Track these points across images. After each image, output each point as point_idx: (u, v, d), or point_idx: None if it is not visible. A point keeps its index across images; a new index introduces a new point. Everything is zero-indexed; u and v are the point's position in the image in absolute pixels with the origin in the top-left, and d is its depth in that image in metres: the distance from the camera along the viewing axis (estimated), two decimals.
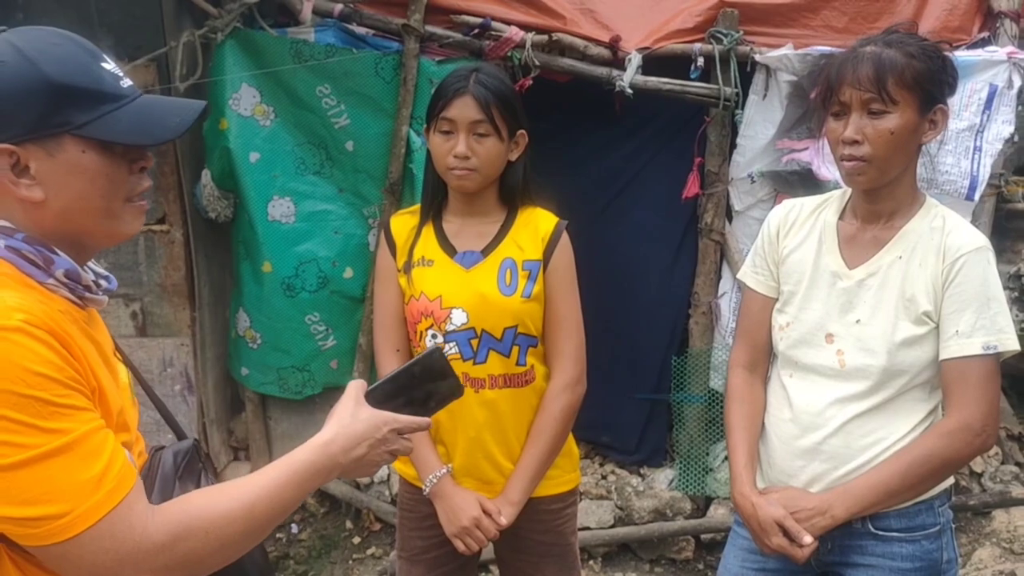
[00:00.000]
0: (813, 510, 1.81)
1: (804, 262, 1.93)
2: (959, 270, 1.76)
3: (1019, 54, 3.47)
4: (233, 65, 3.59)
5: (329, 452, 1.31)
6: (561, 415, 2.13)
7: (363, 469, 1.38)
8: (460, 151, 2.01)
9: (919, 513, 1.86)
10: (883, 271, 1.84)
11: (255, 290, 3.81)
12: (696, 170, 3.64)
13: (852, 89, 1.73)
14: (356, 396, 1.41)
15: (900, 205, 1.85)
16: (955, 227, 1.81)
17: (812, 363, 1.89)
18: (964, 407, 1.75)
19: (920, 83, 1.71)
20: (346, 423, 1.35)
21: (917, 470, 1.78)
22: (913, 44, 1.74)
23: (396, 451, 1.41)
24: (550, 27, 3.57)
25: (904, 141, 1.74)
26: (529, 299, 2.08)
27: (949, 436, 1.77)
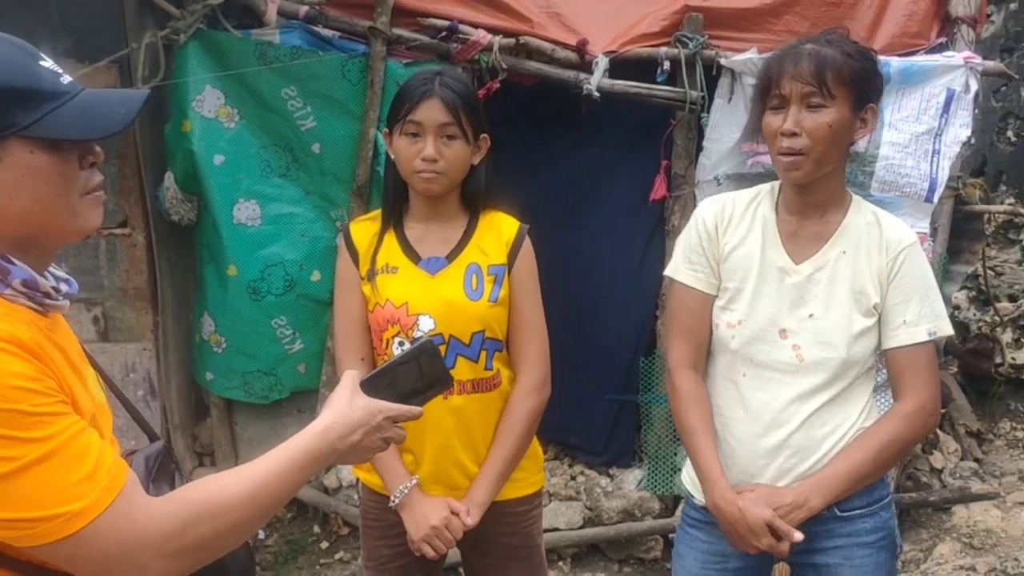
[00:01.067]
0: (791, 504, 1.83)
1: (750, 258, 1.95)
2: (902, 263, 1.86)
3: (975, 59, 3.54)
4: (196, 67, 3.55)
5: (327, 439, 1.34)
6: (526, 418, 2.12)
7: (358, 455, 1.42)
8: (428, 154, 1.99)
9: (875, 488, 1.94)
10: (831, 265, 1.89)
11: (220, 294, 3.76)
12: (663, 172, 3.67)
13: (793, 82, 1.79)
14: (352, 384, 1.43)
15: (832, 198, 1.91)
16: (889, 222, 1.91)
17: (768, 360, 1.91)
18: (918, 391, 1.86)
19: (855, 81, 1.79)
20: (343, 411, 1.38)
21: (884, 454, 1.86)
22: (850, 45, 1.83)
23: (390, 438, 1.45)
24: (517, 30, 3.57)
25: (839, 136, 1.81)
26: (496, 304, 2.07)
27: (910, 418, 1.87)
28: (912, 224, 3.55)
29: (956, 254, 3.83)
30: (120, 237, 3.84)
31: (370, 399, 1.42)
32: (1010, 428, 4.60)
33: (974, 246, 3.86)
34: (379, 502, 2.16)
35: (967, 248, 3.85)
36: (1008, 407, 4.72)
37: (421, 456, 2.12)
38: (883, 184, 3.53)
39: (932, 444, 4.01)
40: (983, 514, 3.70)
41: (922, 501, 3.71)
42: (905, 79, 3.53)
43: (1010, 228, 6.35)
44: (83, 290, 3.85)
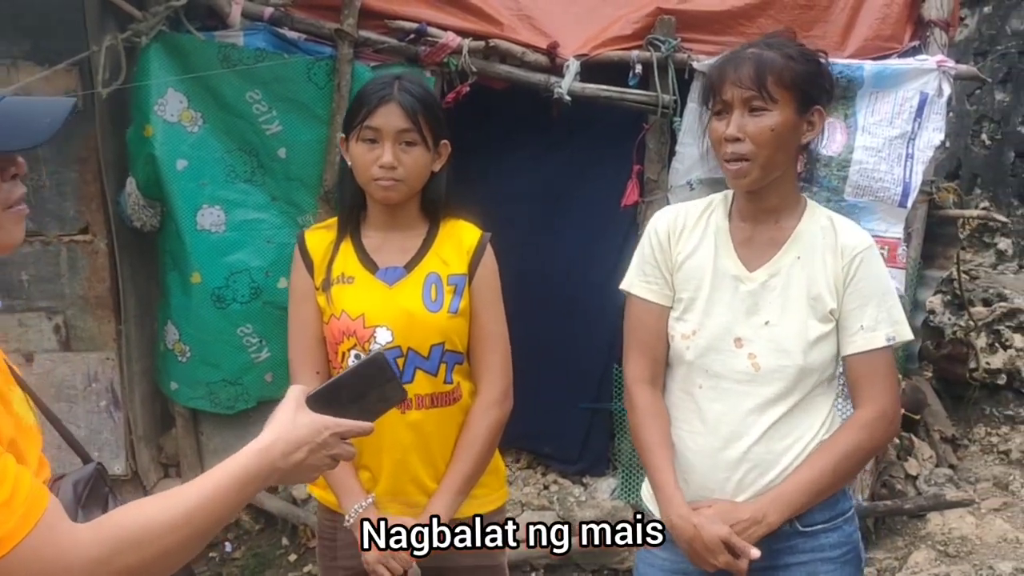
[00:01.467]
0: (749, 520, 1.79)
1: (702, 267, 1.91)
2: (858, 267, 1.83)
3: (948, 63, 3.52)
4: (158, 70, 3.47)
5: (268, 457, 1.29)
6: (487, 432, 2.07)
7: (303, 474, 1.37)
8: (387, 161, 1.93)
9: (838, 501, 1.90)
10: (785, 271, 1.86)
11: (183, 302, 3.68)
12: (635, 177, 3.62)
13: (734, 87, 1.77)
14: (297, 400, 1.38)
15: (784, 203, 1.88)
16: (844, 226, 1.88)
17: (723, 370, 1.87)
18: (878, 398, 1.83)
19: (797, 83, 1.77)
20: (286, 427, 1.33)
21: (845, 465, 1.83)
22: (792, 47, 1.81)
23: (338, 455, 1.39)
24: (487, 33, 3.51)
25: (784, 139, 1.78)
26: (456, 315, 2.02)
27: (870, 427, 1.83)
28: (886, 229, 3.53)
29: (930, 259, 3.81)
30: (81, 244, 3.75)
31: (316, 415, 1.37)
32: (985, 433, 4.58)
33: (948, 251, 3.83)
34: (334, 520, 2.10)
35: (941, 253, 3.83)
36: (983, 412, 4.70)
37: (378, 473, 2.05)
38: (857, 189, 3.49)
39: (907, 451, 3.98)
40: (958, 521, 3.68)
41: (896, 509, 3.68)
42: (878, 83, 3.50)
43: (985, 231, 6.37)
44: (43, 298, 3.83)
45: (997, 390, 4.72)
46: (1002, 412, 4.65)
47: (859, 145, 3.49)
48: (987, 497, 3.99)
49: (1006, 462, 4.34)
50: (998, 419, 4.66)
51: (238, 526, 4.05)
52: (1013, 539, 3.62)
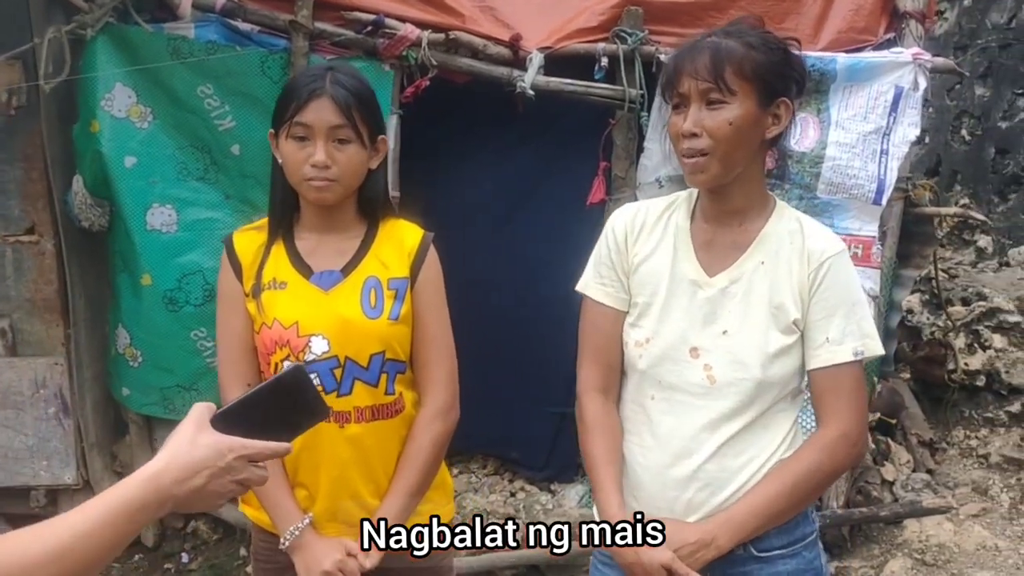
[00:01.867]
0: (696, 544, 1.67)
1: (659, 271, 1.78)
2: (825, 274, 1.71)
3: (924, 55, 3.42)
4: (106, 63, 3.33)
5: (158, 484, 1.17)
6: (432, 445, 1.95)
7: (204, 502, 1.24)
8: (319, 159, 1.80)
9: (797, 525, 1.77)
10: (746, 278, 1.73)
11: (134, 304, 3.54)
12: (601, 175, 3.51)
13: (690, 79, 1.65)
14: (198, 420, 1.25)
15: (751, 204, 1.76)
16: (814, 230, 1.76)
17: (677, 381, 1.75)
18: (841, 417, 1.71)
19: (759, 74, 1.64)
20: (181, 450, 1.21)
21: (802, 487, 1.70)
22: (754, 36, 1.67)
23: (246, 480, 1.26)
24: (448, 25, 3.40)
25: (745, 133, 1.65)
26: (397, 321, 1.90)
27: (830, 448, 1.71)
28: (860, 227, 3.43)
29: (906, 258, 3.71)
30: (27, 245, 3.61)
31: (220, 436, 1.24)
32: (964, 437, 4.49)
33: (925, 250, 3.73)
34: (270, 542, 1.97)
35: (918, 252, 3.73)
36: (962, 414, 4.61)
37: (315, 491, 1.93)
38: (830, 186, 3.39)
39: (883, 455, 3.89)
40: (936, 528, 3.58)
41: (872, 516, 3.58)
42: (852, 76, 3.40)
43: (964, 229, 6.29)
44: None
45: (976, 392, 4.63)
46: (981, 414, 4.56)
47: (832, 141, 3.39)
48: (966, 503, 3.90)
49: (985, 466, 4.26)
50: (977, 422, 4.57)
51: (195, 536, 3.93)
52: (992, 547, 3.53)
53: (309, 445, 1.87)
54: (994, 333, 4.68)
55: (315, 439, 1.86)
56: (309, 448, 1.88)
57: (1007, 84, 6.27)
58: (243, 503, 2.06)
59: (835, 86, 3.41)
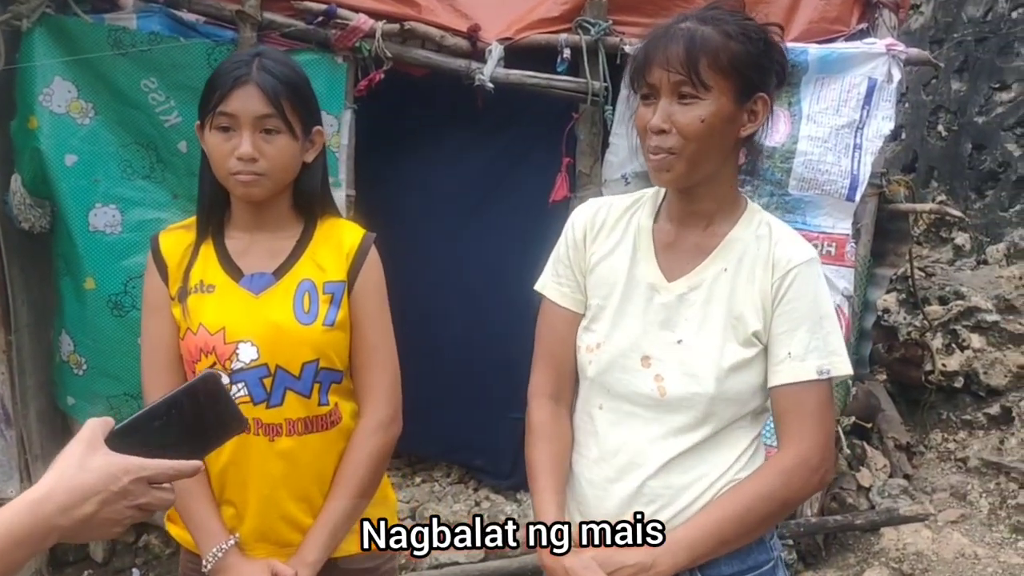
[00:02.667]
0: (634, 566, 1.53)
1: (616, 272, 1.66)
2: (790, 285, 1.58)
3: (898, 46, 3.33)
4: (44, 56, 3.18)
5: (41, 513, 1.06)
6: (371, 460, 1.82)
7: (97, 531, 1.13)
8: (244, 151, 1.67)
9: (751, 552, 1.63)
10: (707, 285, 1.61)
11: (77, 309, 3.40)
12: (564, 171, 3.40)
13: (661, 70, 1.50)
14: (90, 439, 1.13)
15: (720, 207, 1.63)
16: (783, 237, 1.63)
17: (627, 391, 1.63)
18: (801, 440, 1.57)
19: (737, 67, 1.50)
20: (69, 474, 1.10)
21: (753, 515, 1.57)
22: (732, 23, 1.52)
23: (146, 505, 1.14)
24: (403, 15, 3.29)
25: (718, 132, 1.51)
26: (332, 327, 1.77)
27: (787, 474, 1.57)
28: (833, 225, 3.33)
29: (881, 256, 3.61)
30: None
31: (114, 456, 1.12)
32: (942, 440, 4.40)
33: (900, 247, 3.64)
34: (196, 563, 1.82)
35: (892, 250, 3.63)
36: (939, 417, 4.52)
37: (243, 509, 1.79)
38: (801, 182, 3.29)
39: (859, 460, 3.79)
40: (913, 536, 3.48)
41: (847, 525, 3.48)
42: (824, 68, 3.30)
43: (942, 226, 6.21)
44: None
45: (954, 393, 4.54)
46: (959, 417, 4.47)
47: (804, 135, 3.30)
48: (944, 508, 3.81)
49: (964, 470, 4.17)
50: (955, 424, 4.48)
51: (147, 551, 3.80)
52: (971, 554, 3.44)
53: (237, 460, 1.76)
54: (972, 333, 4.59)
55: (244, 454, 1.75)
56: (237, 463, 1.76)
57: (983, 78, 6.20)
58: (168, 521, 1.93)
59: (806, 78, 3.31)
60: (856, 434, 3.87)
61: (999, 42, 6.11)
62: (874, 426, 3.98)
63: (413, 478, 3.99)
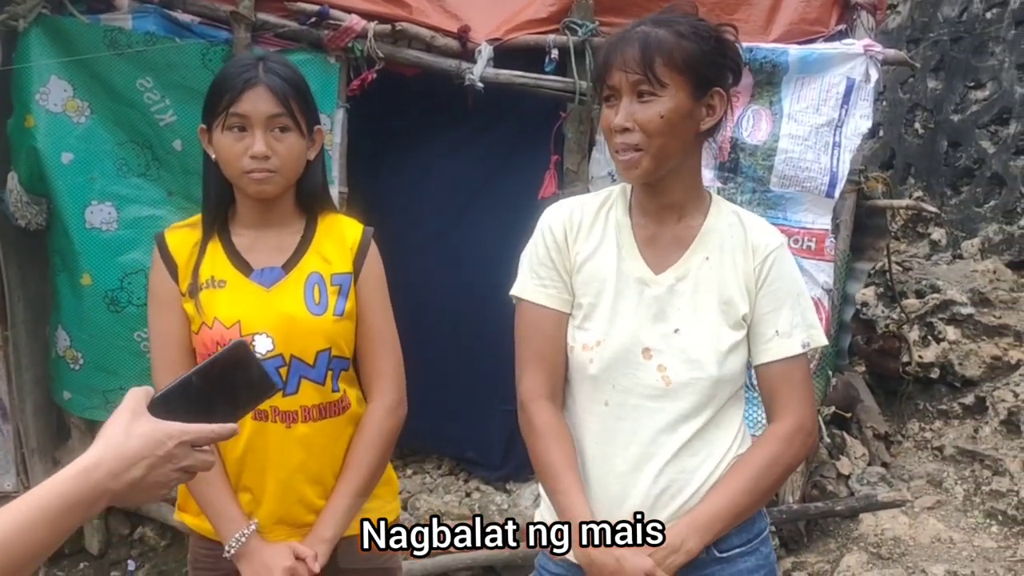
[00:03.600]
0: (668, 549, 1.61)
1: (604, 269, 1.72)
2: (771, 267, 1.69)
3: (876, 47, 3.41)
4: (40, 55, 3.23)
5: (93, 479, 1.10)
6: (380, 442, 1.90)
7: (146, 493, 1.17)
8: (259, 150, 1.73)
9: (754, 522, 1.74)
10: (693, 274, 1.69)
11: (74, 305, 3.43)
12: (553, 168, 3.46)
13: (620, 72, 1.59)
14: (134, 408, 1.18)
15: (688, 198, 1.72)
16: (754, 223, 1.74)
17: (632, 384, 1.68)
18: (796, 409, 1.69)
19: (691, 65, 1.58)
20: (117, 441, 1.13)
21: (764, 482, 1.67)
22: (684, 23, 1.61)
23: (190, 467, 1.19)
24: (394, 16, 3.34)
25: (677, 126, 1.60)
26: (342, 317, 1.84)
27: (788, 440, 1.69)
28: (813, 220, 3.41)
29: (859, 251, 3.70)
30: None
31: (158, 423, 1.17)
32: (919, 429, 4.50)
33: (878, 242, 3.73)
34: (212, 549, 1.88)
35: (871, 244, 3.72)
36: (916, 407, 4.62)
37: (261, 494, 1.86)
38: (783, 179, 3.37)
39: (839, 449, 3.88)
40: (891, 521, 3.57)
41: (828, 511, 3.57)
42: (804, 68, 3.38)
43: (919, 222, 6.31)
44: None
45: (930, 384, 4.64)
46: (936, 407, 4.57)
47: (784, 133, 3.38)
48: (921, 495, 3.90)
49: (940, 458, 4.26)
50: (932, 414, 4.58)
51: (143, 543, 3.83)
52: (947, 539, 3.53)
53: (255, 448, 1.82)
54: (947, 325, 4.69)
55: (262, 441, 1.82)
56: (255, 451, 1.82)
57: (959, 77, 6.31)
58: (179, 510, 1.98)
59: (787, 78, 3.39)
60: (836, 424, 3.96)
61: (974, 42, 6.22)
62: (853, 416, 4.07)
63: (405, 470, 4.05)
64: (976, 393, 4.51)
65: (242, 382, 1.29)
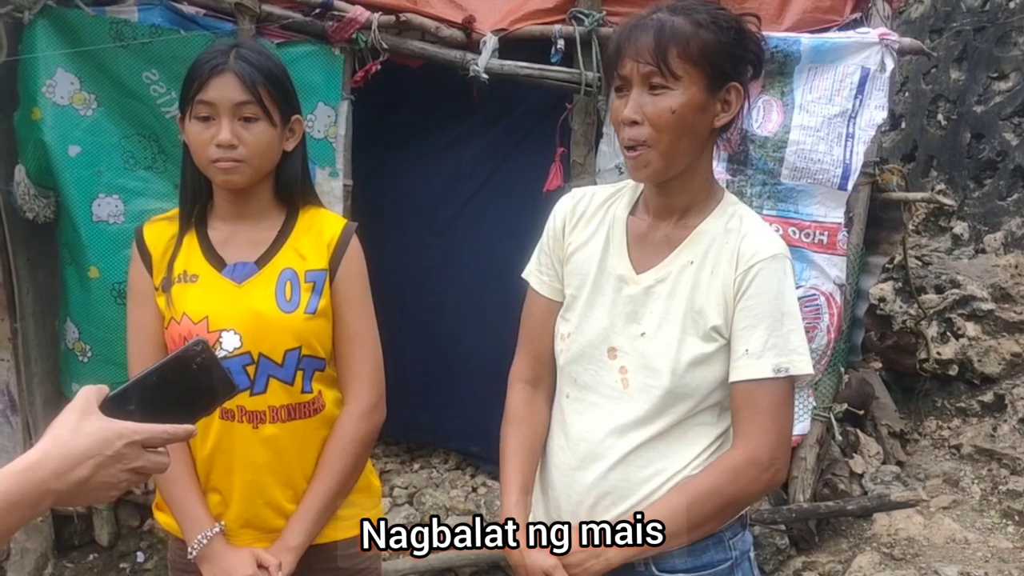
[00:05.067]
0: (586, 552, 1.57)
1: (589, 262, 1.68)
2: (752, 280, 1.55)
3: (891, 36, 3.33)
4: (46, 48, 3.22)
5: (34, 478, 1.07)
6: (354, 446, 1.85)
7: (92, 494, 1.14)
8: (224, 138, 1.69)
9: (707, 550, 1.63)
10: (673, 277, 1.61)
11: (82, 298, 3.44)
12: (558, 161, 3.42)
13: (632, 61, 1.51)
14: (84, 406, 1.15)
15: (696, 199, 1.63)
16: (752, 230, 1.60)
17: (592, 381, 1.65)
18: (752, 438, 1.55)
19: (707, 56, 1.50)
20: (63, 440, 1.11)
21: (699, 510, 1.56)
22: (703, 12, 1.52)
23: (141, 469, 1.16)
24: (398, 7, 3.30)
25: (689, 122, 1.52)
26: (314, 315, 1.80)
27: (734, 472, 1.56)
28: (825, 214, 3.35)
29: (874, 245, 3.61)
30: None
31: (108, 421, 1.14)
32: (936, 427, 4.42)
33: (893, 236, 3.64)
34: (184, 550, 1.85)
35: (885, 238, 3.63)
36: (934, 404, 4.53)
37: (229, 495, 1.83)
38: (794, 171, 3.30)
39: (852, 447, 3.81)
40: (905, 521, 3.51)
41: (839, 510, 3.51)
42: (817, 57, 3.31)
43: (940, 215, 6.20)
44: None
45: (949, 381, 4.55)
46: (954, 404, 4.48)
47: (796, 124, 3.31)
48: (936, 495, 3.83)
49: (957, 457, 4.18)
50: (950, 412, 4.49)
51: (152, 534, 3.84)
52: (961, 539, 3.46)
53: (223, 447, 1.79)
54: (967, 321, 4.60)
55: (228, 441, 1.78)
56: (223, 451, 1.79)
57: (982, 68, 6.18)
58: (156, 509, 1.96)
59: (799, 68, 3.32)
60: (849, 421, 3.89)
61: (997, 32, 6.09)
62: (868, 413, 3.99)
63: (411, 464, 4.03)
64: (995, 391, 4.43)
65: (202, 382, 1.25)
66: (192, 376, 1.25)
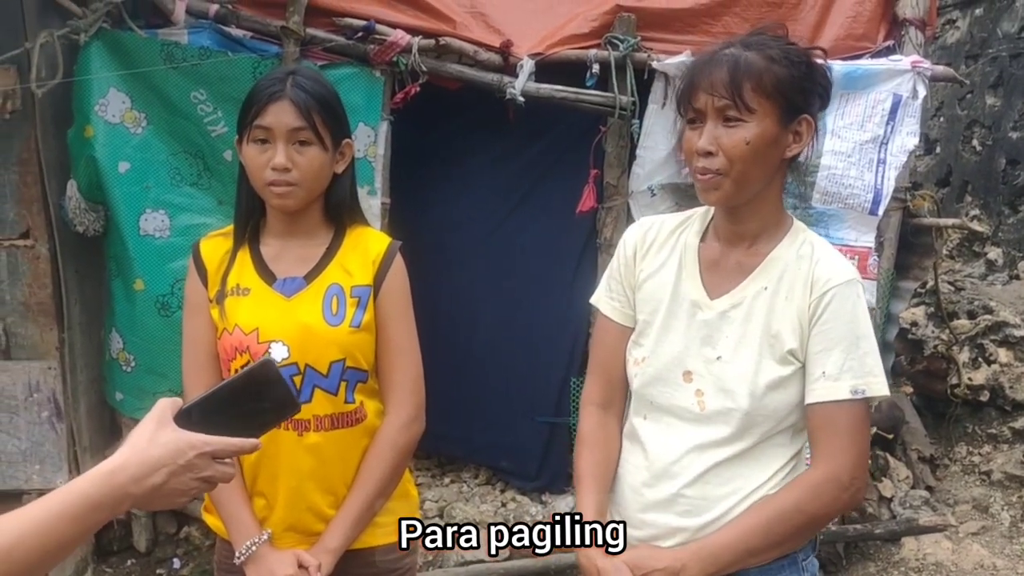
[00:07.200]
0: (664, 571, 1.60)
1: (662, 289, 1.72)
2: (827, 305, 1.59)
3: (923, 63, 3.36)
4: (100, 68, 3.34)
5: (115, 482, 1.15)
6: (394, 455, 1.92)
7: (165, 500, 1.22)
8: (279, 162, 1.78)
9: (782, 570, 1.67)
10: (747, 303, 1.65)
11: (127, 309, 3.55)
12: (592, 182, 3.48)
13: (707, 95, 1.55)
14: (160, 417, 1.23)
15: (765, 226, 1.66)
16: (824, 256, 1.64)
17: (668, 404, 1.69)
18: (832, 458, 1.59)
19: (780, 90, 1.54)
20: (141, 448, 1.19)
21: (779, 527, 1.60)
22: (775, 47, 1.57)
23: (210, 478, 1.24)
24: (438, 31, 3.39)
25: (763, 153, 1.55)
26: (359, 329, 1.87)
27: (815, 490, 1.59)
28: (856, 238, 3.37)
29: (905, 269, 3.63)
30: (22, 248, 3.60)
31: (181, 432, 1.21)
32: (966, 453, 4.39)
33: (924, 261, 3.65)
34: (231, 550, 1.92)
35: (916, 263, 3.65)
36: (965, 430, 4.51)
37: (274, 500, 1.90)
38: (825, 195, 3.34)
39: (881, 471, 3.81)
40: (934, 546, 3.50)
41: (867, 534, 3.51)
42: (849, 84, 3.35)
43: (975, 241, 6.17)
44: None
45: (980, 407, 4.53)
46: (985, 430, 4.46)
47: (828, 149, 3.35)
48: (965, 520, 3.81)
49: (987, 483, 4.16)
50: (980, 438, 4.46)
51: (188, 542, 3.92)
52: (990, 565, 3.45)
53: (268, 454, 1.85)
54: (999, 347, 4.58)
55: (274, 448, 1.84)
56: (268, 457, 1.86)
57: (1018, 94, 6.16)
58: (205, 512, 2.04)
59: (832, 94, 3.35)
60: (879, 445, 3.89)
61: None
62: (897, 437, 3.99)
63: (442, 478, 4.09)
64: None
65: (268, 399, 1.32)
66: (259, 393, 1.31)
